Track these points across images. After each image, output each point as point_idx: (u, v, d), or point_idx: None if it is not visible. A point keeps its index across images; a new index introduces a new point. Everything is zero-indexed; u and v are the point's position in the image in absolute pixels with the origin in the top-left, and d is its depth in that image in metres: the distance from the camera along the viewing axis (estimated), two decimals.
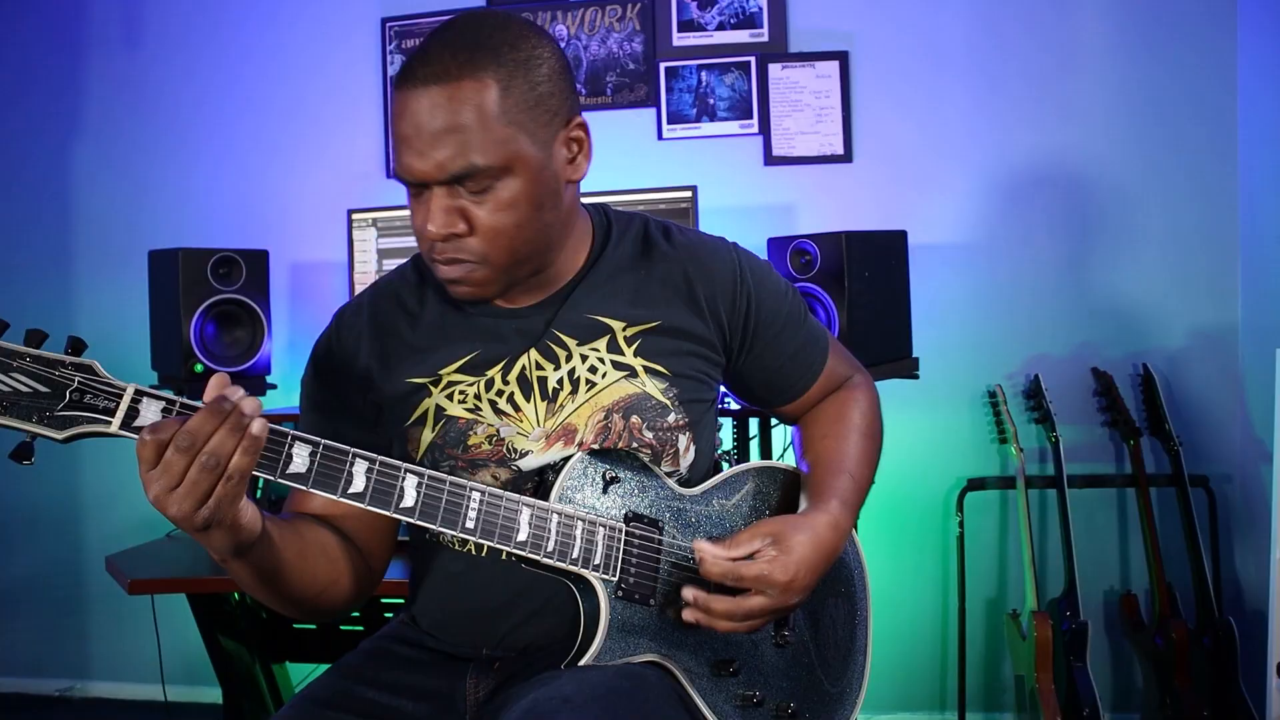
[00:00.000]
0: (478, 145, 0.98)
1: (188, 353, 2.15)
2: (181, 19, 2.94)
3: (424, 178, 1.00)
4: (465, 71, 0.97)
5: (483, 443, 1.12)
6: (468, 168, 0.99)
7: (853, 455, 1.22)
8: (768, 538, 1.06)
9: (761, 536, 1.06)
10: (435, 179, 0.99)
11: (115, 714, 2.93)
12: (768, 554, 1.04)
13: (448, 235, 1.01)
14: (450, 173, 0.99)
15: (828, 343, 1.28)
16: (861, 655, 1.25)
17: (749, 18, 2.65)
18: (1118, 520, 2.56)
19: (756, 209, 2.64)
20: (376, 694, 1.12)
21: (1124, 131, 2.53)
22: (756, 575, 1.03)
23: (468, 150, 0.98)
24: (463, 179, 0.99)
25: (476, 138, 0.98)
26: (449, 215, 1.01)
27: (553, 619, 1.11)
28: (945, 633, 2.62)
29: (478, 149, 0.98)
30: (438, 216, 1.01)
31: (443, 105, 0.97)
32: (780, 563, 1.04)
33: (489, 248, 1.03)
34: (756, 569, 1.03)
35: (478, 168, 0.99)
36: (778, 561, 1.04)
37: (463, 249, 1.03)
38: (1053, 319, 2.56)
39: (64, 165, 3.01)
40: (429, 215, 1.01)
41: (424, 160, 0.98)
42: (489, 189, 1.01)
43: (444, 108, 0.97)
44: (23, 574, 3.06)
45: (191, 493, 0.85)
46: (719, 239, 1.24)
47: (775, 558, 1.04)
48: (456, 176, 0.99)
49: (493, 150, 0.99)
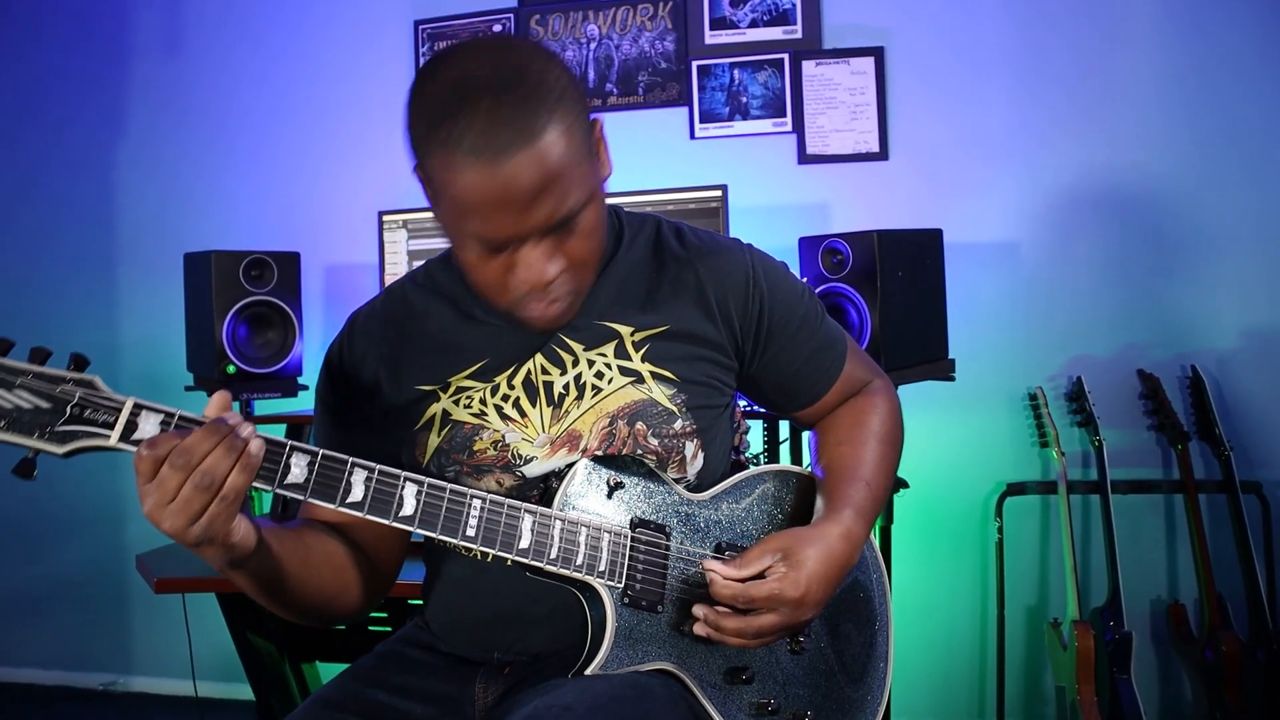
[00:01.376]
0: (570, 189, 0.96)
1: (220, 354, 2.18)
2: (219, 27, 2.99)
3: (524, 234, 0.96)
4: (543, 122, 0.92)
5: (488, 448, 1.11)
6: (566, 214, 0.97)
7: (869, 462, 1.18)
8: (778, 553, 1.03)
9: (771, 553, 1.03)
10: (537, 231, 0.96)
11: (155, 709, 2.99)
12: (778, 570, 1.02)
13: (551, 279, 1.00)
14: (556, 219, 0.96)
15: (845, 346, 1.25)
16: (883, 662, 1.21)
17: (782, 14, 2.62)
18: (1165, 527, 2.47)
19: (790, 208, 2.61)
20: (387, 697, 1.12)
21: (1174, 126, 2.44)
22: (768, 595, 1.00)
23: (565, 198, 0.95)
24: (565, 221, 0.97)
25: (566, 184, 0.95)
26: (546, 261, 0.99)
27: (562, 625, 1.10)
28: (984, 641, 2.55)
29: (571, 193, 0.96)
30: (539, 267, 0.98)
31: (532, 165, 0.92)
32: (791, 579, 1.01)
33: (582, 276, 1.04)
34: (767, 589, 1.01)
35: (574, 211, 0.97)
36: (788, 578, 1.01)
37: (558, 286, 1.02)
38: (1096, 319, 2.48)
39: (107, 170, 3.08)
40: (528, 267, 0.98)
41: (521, 223, 0.95)
42: (577, 223, 0.99)
43: (533, 167, 0.92)
44: (68, 571, 3.13)
45: (185, 510, 0.86)
46: (733, 240, 1.21)
47: (785, 574, 1.01)
48: (562, 220, 0.97)
49: (579, 188, 0.97)
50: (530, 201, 0.93)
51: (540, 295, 1.01)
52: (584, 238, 1.00)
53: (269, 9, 2.96)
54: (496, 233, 0.96)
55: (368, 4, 2.87)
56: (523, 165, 0.91)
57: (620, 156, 1.05)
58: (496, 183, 0.92)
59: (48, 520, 3.12)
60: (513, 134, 0.91)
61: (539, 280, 0.99)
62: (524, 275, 0.99)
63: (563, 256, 1.00)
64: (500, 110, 0.91)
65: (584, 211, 0.98)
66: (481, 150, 0.91)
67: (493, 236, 0.96)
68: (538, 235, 0.97)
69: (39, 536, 3.15)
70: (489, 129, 0.91)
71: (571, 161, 0.95)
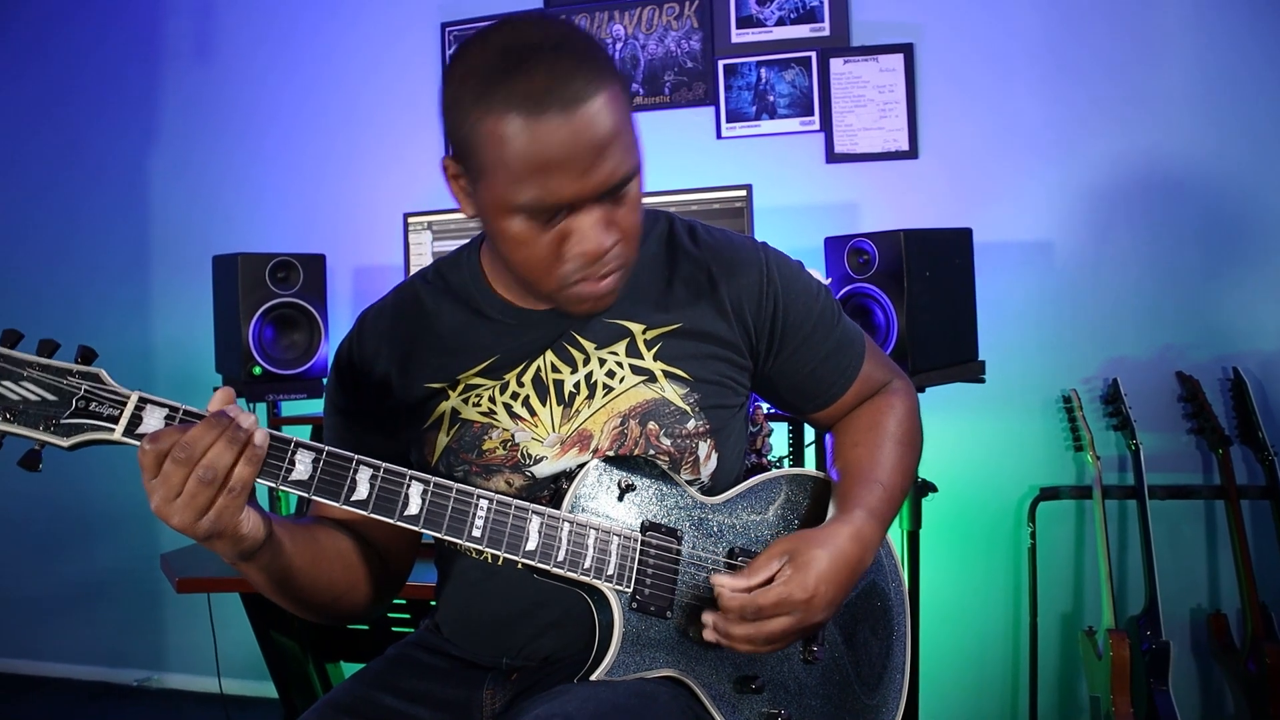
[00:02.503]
0: (631, 147, 0.95)
1: (246, 355, 2.20)
2: (249, 33, 3.03)
3: (588, 193, 0.93)
4: (604, 78, 0.92)
5: (497, 447, 1.10)
6: (631, 170, 0.95)
7: (885, 464, 1.15)
8: (784, 557, 1.01)
9: (778, 557, 1.01)
10: (601, 190, 0.94)
11: (188, 705, 3.02)
12: (784, 574, 1.00)
13: (606, 248, 0.97)
14: (616, 179, 0.94)
15: (863, 347, 1.22)
16: (899, 674, 1.18)
17: (809, 12, 2.58)
18: (1205, 534, 2.40)
19: (818, 208, 2.57)
20: (395, 701, 1.11)
21: (1212, 122, 2.36)
22: (776, 600, 0.98)
23: (625, 156, 0.94)
24: (622, 184, 0.95)
25: (628, 140, 0.95)
26: (608, 228, 0.96)
27: (572, 630, 1.08)
28: (1016, 649, 2.50)
29: (630, 154, 0.95)
30: (596, 234, 0.95)
31: (601, 115, 0.91)
32: (798, 581, 0.99)
33: (629, 249, 1.01)
34: (775, 594, 0.98)
35: (630, 174, 0.96)
36: (795, 580, 0.99)
37: (610, 259, 0.99)
38: (1133, 320, 2.42)
39: (140, 173, 3.13)
40: (584, 236, 0.95)
41: (591, 176, 0.92)
42: (628, 191, 0.97)
43: (602, 117, 0.91)
44: (105, 568, 3.19)
45: (191, 504, 0.86)
46: (747, 238, 1.19)
47: (792, 577, 0.99)
48: (621, 181, 0.95)
49: (633, 154, 0.96)
50: (596, 157, 0.91)
51: (592, 269, 0.98)
52: (632, 209, 0.99)
53: (296, 12, 2.98)
54: (557, 192, 0.92)
55: (394, 7, 2.89)
56: (595, 111, 0.90)
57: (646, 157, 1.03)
58: (565, 135, 0.90)
59: (86, 518, 3.18)
60: (582, 82, 0.90)
61: (596, 248, 0.96)
62: (579, 244, 0.96)
63: (616, 227, 0.97)
64: (561, 65, 0.90)
65: (634, 180, 0.97)
66: (547, 104, 0.89)
67: (553, 196, 0.92)
68: (593, 200, 0.94)
69: (78, 535, 3.21)
70: (553, 82, 0.89)
71: (628, 124, 0.95)
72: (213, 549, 0.93)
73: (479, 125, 0.92)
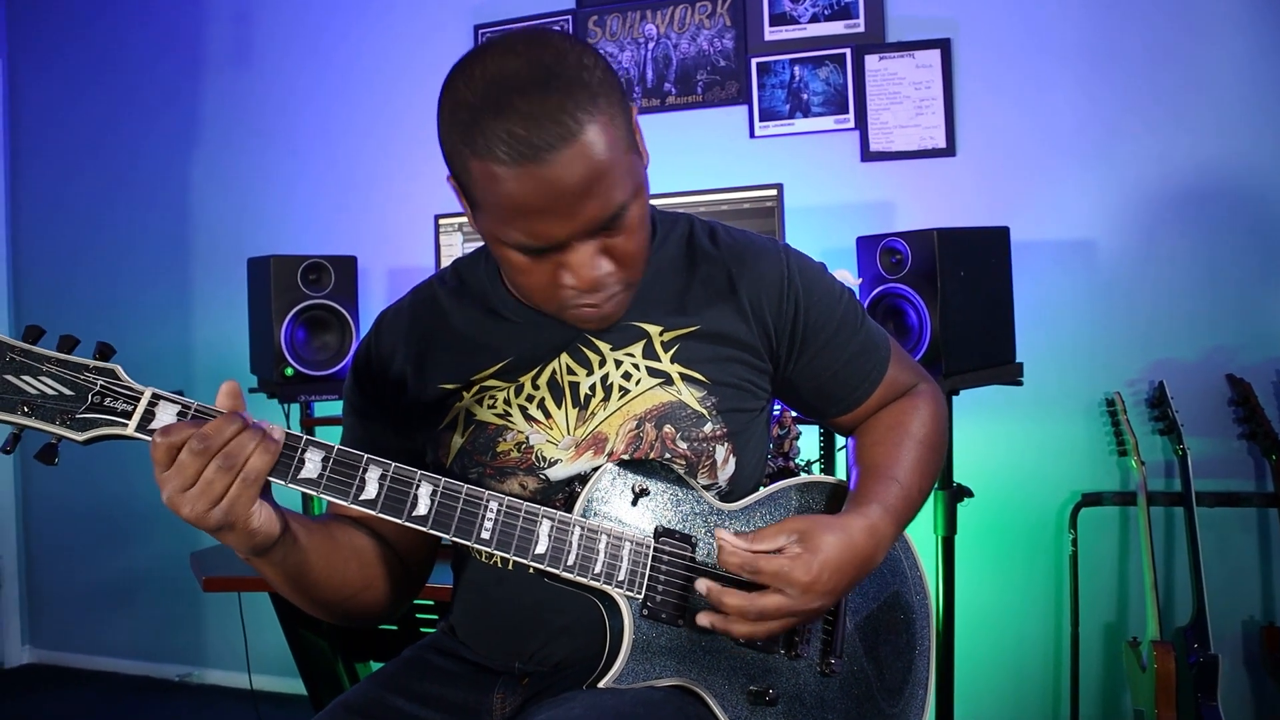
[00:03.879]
0: (617, 184, 0.92)
1: (279, 357, 2.22)
2: (285, 39, 3.08)
3: (574, 234, 0.93)
4: (590, 113, 0.89)
5: (511, 450, 1.09)
6: (615, 209, 0.94)
7: (905, 463, 1.12)
8: (794, 534, 0.98)
9: (788, 533, 0.98)
10: (586, 230, 0.93)
11: (228, 701, 3.07)
12: (791, 550, 0.97)
13: (603, 278, 0.97)
14: (603, 218, 0.93)
15: (888, 350, 1.19)
16: (922, 689, 1.15)
17: (844, 8, 2.54)
18: (1258, 543, 2.31)
19: (853, 206, 2.53)
20: (407, 704, 1.11)
21: (1262, 120, 2.28)
22: (775, 570, 0.95)
23: (611, 193, 0.92)
24: (613, 219, 0.94)
25: (613, 177, 0.92)
26: (597, 260, 0.96)
27: (583, 636, 1.06)
28: (1058, 659, 2.43)
29: (618, 187, 0.92)
30: (590, 266, 0.95)
31: (577, 162, 0.88)
32: (803, 561, 0.96)
33: (631, 272, 1.00)
34: (776, 564, 0.95)
35: (622, 205, 0.94)
36: (800, 559, 0.96)
37: (608, 284, 0.99)
38: (1180, 321, 2.34)
39: (179, 177, 3.19)
40: (578, 270, 0.95)
41: (571, 222, 0.91)
42: (622, 221, 0.95)
43: (579, 164, 0.88)
44: (146, 564, 3.25)
45: (205, 494, 0.86)
46: (768, 239, 1.16)
47: (799, 555, 0.96)
48: (610, 217, 0.93)
49: (625, 183, 0.93)
50: (577, 201, 0.90)
51: (591, 296, 0.99)
52: (631, 234, 0.97)
53: (332, 17, 3.02)
54: (543, 236, 0.92)
55: (427, 9, 2.90)
56: (567, 164, 0.88)
57: (679, 157, 1.01)
58: (541, 185, 0.88)
59: (130, 515, 3.25)
60: (554, 133, 0.87)
61: (590, 282, 0.96)
62: (574, 278, 0.96)
63: (611, 255, 0.97)
64: (538, 109, 0.87)
65: (630, 207, 0.95)
66: (523, 153, 0.87)
67: (540, 240, 0.93)
68: (585, 235, 0.94)
69: (122, 531, 3.29)
70: (529, 129, 0.87)
71: (615, 155, 0.91)
72: (225, 542, 0.93)
73: (467, 164, 0.91)
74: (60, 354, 0.90)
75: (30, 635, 3.46)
